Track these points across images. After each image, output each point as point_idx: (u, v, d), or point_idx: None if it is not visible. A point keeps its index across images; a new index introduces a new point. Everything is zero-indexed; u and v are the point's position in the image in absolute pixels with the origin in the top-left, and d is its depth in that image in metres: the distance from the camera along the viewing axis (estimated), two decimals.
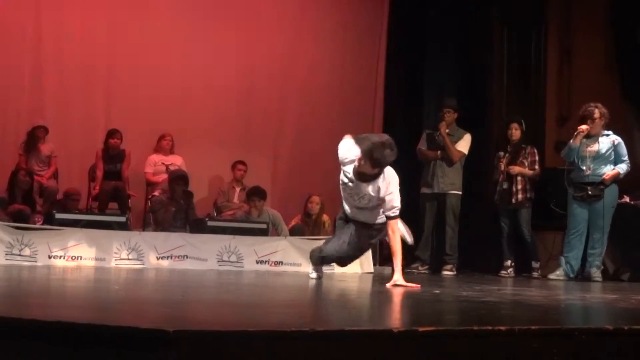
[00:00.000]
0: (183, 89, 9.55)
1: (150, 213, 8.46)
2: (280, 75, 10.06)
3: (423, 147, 8.72)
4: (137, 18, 9.44)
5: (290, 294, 5.16)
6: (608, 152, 7.55)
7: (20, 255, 7.05)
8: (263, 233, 8.07)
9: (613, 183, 7.55)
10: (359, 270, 7.68)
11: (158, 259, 7.47)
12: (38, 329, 2.45)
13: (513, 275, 8.21)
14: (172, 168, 8.85)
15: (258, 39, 9.92)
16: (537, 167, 8.34)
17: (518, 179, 8.25)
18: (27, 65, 9.10)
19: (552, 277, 7.65)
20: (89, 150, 8.99)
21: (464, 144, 8.58)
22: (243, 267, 7.66)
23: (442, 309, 4.19)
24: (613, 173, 7.49)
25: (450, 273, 8.35)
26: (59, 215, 7.50)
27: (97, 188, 8.78)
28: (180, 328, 2.36)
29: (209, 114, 9.61)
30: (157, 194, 8.48)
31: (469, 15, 9.92)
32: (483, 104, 9.75)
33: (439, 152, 8.56)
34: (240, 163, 9.22)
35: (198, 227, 7.99)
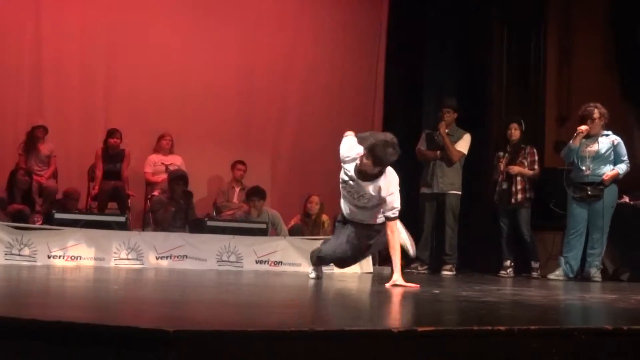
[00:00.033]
0: (183, 89, 9.55)
1: (150, 213, 8.45)
2: (280, 75, 10.05)
3: (422, 147, 8.72)
4: (136, 17, 9.43)
5: (290, 294, 5.16)
6: (607, 152, 7.54)
7: (20, 255, 7.05)
8: (262, 233, 8.07)
9: (612, 183, 7.55)
10: (359, 271, 7.66)
11: (157, 259, 7.47)
12: (37, 329, 2.45)
13: (512, 275, 8.21)
14: (171, 168, 8.85)
15: (258, 39, 9.91)
16: (536, 167, 8.33)
17: (517, 179, 8.25)
18: (26, 65, 9.09)
19: (551, 277, 7.65)
20: (89, 150, 8.98)
21: (464, 144, 8.57)
22: (242, 267, 7.66)
23: (441, 309, 4.19)
24: (612, 174, 7.48)
25: (450, 273, 8.35)
26: (59, 215, 7.50)
27: (96, 188, 8.77)
28: (180, 328, 2.36)
29: (209, 114, 9.60)
30: (156, 194, 8.48)
31: (469, 15, 9.92)
32: (482, 104, 9.74)
33: (439, 152, 8.56)
34: (240, 163, 9.21)
35: (197, 227, 7.99)
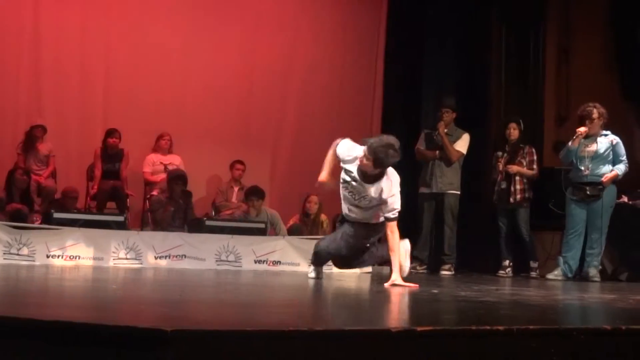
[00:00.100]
0: (182, 89, 9.54)
1: (149, 212, 8.45)
2: (280, 75, 10.04)
3: (421, 146, 8.71)
4: (136, 17, 9.42)
5: (289, 294, 5.16)
6: (606, 152, 7.53)
7: (19, 255, 7.04)
8: (261, 233, 8.07)
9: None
10: (358, 270, 7.66)
11: (156, 259, 7.46)
12: (36, 329, 2.45)
13: (511, 275, 8.21)
14: (170, 168, 8.85)
15: (258, 39, 9.90)
16: (535, 166, 8.33)
17: (516, 179, 8.25)
18: (25, 64, 9.07)
19: (550, 277, 7.65)
20: (87, 150, 8.98)
21: (463, 144, 8.57)
22: (241, 266, 7.66)
23: (440, 309, 4.19)
24: (612, 175, 7.46)
25: (449, 273, 8.35)
26: (57, 215, 7.49)
27: (95, 187, 8.76)
28: (178, 327, 2.35)
29: (208, 114, 9.59)
30: (155, 194, 8.48)
31: (468, 14, 9.92)
32: (482, 104, 9.75)
33: (438, 152, 8.56)
34: (239, 162, 9.21)
35: (196, 226, 7.98)
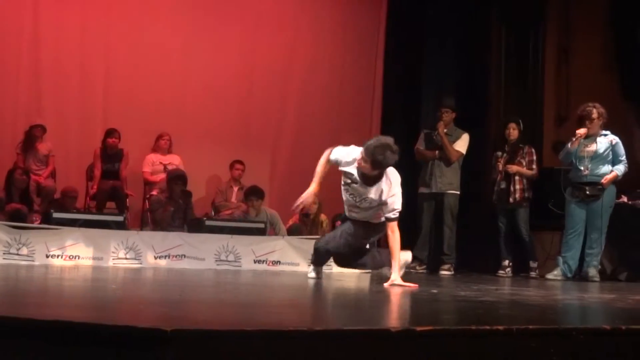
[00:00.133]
0: (181, 89, 9.54)
1: (149, 212, 8.45)
2: (280, 75, 10.04)
3: (421, 146, 8.72)
4: (135, 17, 9.43)
5: (288, 294, 5.15)
6: (606, 152, 7.53)
7: (18, 255, 7.04)
8: (261, 232, 8.07)
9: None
10: (357, 270, 7.65)
11: (156, 259, 7.46)
12: (35, 328, 2.45)
13: (511, 275, 8.21)
14: (170, 167, 8.85)
15: (257, 39, 9.90)
16: (534, 166, 8.33)
17: (516, 179, 8.25)
18: (25, 64, 9.07)
19: (549, 277, 7.65)
20: (87, 150, 8.98)
21: (462, 144, 8.57)
22: (241, 266, 7.66)
23: (439, 309, 4.19)
24: (611, 176, 7.46)
25: (448, 273, 8.35)
26: (57, 215, 7.49)
27: (94, 187, 8.76)
28: (178, 327, 2.35)
29: (207, 114, 9.59)
30: (155, 194, 8.48)
31: (468, 14, 9.92)
32: (481, 104, 9.75)
33: (437, 151, 8.56)
34: (238, 162, 9.20)
35: (196, 226, 7.98)
